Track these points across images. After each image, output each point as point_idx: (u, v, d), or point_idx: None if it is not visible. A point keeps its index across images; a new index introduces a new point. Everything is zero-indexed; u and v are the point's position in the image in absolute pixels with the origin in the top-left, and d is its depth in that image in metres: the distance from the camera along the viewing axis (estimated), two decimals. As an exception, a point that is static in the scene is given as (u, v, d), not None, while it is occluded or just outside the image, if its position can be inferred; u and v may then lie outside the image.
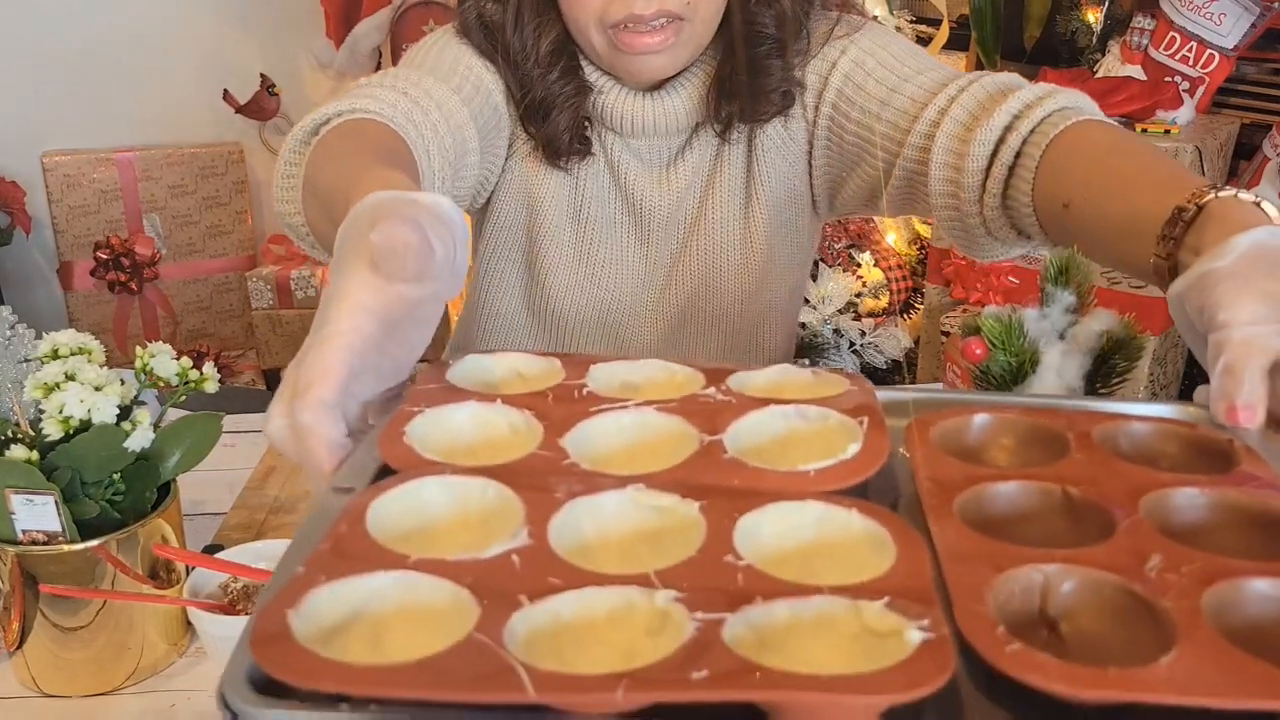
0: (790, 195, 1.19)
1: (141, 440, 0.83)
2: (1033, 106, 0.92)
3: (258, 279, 2.79)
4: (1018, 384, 0.75)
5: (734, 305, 1.23)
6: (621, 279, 1.22)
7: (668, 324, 1.24)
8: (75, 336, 0.86)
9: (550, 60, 1.07)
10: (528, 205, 1.18)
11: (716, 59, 1.12)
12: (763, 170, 1.18)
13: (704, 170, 1.18)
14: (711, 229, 1.19)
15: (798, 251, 1.24)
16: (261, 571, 0.87)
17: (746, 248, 1.20)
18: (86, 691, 0.85)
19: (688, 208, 1.19)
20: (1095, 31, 2.41)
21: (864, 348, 2.52)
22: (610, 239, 1.20)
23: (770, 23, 1.07)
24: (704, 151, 1.17)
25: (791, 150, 1.17)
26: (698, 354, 1.27)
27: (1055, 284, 0.76)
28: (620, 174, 1.17)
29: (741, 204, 1.19)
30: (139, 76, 2.85)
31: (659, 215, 1.19)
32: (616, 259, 1.21)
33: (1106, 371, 0.75)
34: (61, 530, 0.80)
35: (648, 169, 1.17)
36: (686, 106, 1.12)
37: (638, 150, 1.16)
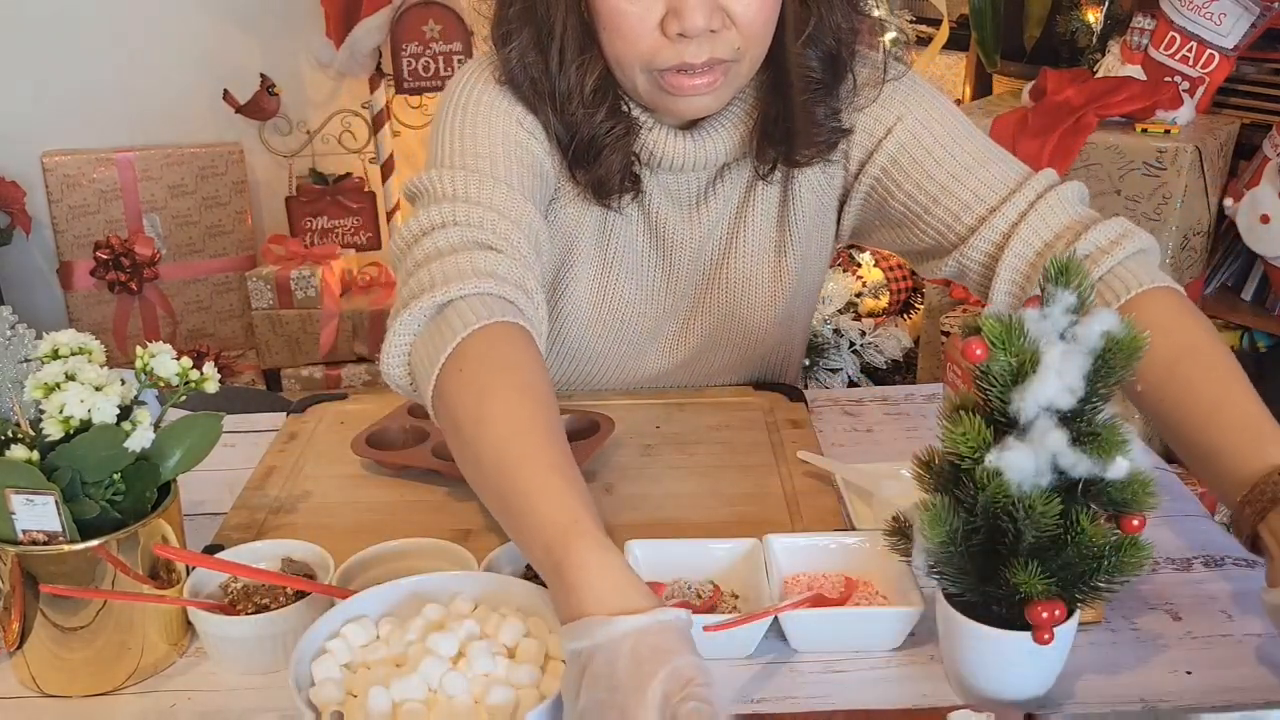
0: (819, 229, 1.21)
1: (142, 440, 0.83)
2: (1111, 247, 0.98)
3: (258, 279, 2.79)
4: (1018, 384, 0.75)
5: (760, 331, 1.24)
6: (644, 312, 1.22)
7: (688, 352, 1.25)
8: (75, 336, 0.86)
9: (596, 100, 1.05)
10: (560, 246, 1.17)
11: (758, 96, 1.10)
12: (796, 208, 1.18)
13: (734, 204, 1.17)
14: (740, 262, 1.19)
15: (820, 275, 1.26)
16: (261, 571, 0.87)
17: (776, 280, 1.21)
18: (87, 691, 0.85)
19: (715, 241, 1.19)
20: (1095, 31, 2.41)
21: (864, 348, 2.52)
22: (636, 274, 1.20)
23: (817, 65, 1.06)
24: (735, 186, 1.17)
25: (826, 192, 1.18)
26: (715, 376, 1.29)
27: (1056, 284, 0.76)
28: (649, 209, 1.16)
29: (773, 239, 1.19)
30: (139, 76, 2.85)
31: (687, 249, 1.18)
32: (641, 293, 1.21)
33: (1107, 372, 0.75)
34: (62, 530, 0.80)
35: (677, 204, 1.16)
36: (727, 145, 1.11)
37: (667, 185, 1.15)
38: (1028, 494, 0.74)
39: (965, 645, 0.80)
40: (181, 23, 2.84)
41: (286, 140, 2.99)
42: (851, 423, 1.24)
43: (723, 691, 0.82)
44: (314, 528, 1.03)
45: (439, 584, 0.84)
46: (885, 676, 0.85)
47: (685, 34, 0.97)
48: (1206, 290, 2.31)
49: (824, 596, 0.89)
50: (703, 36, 0.97)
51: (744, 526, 0.99)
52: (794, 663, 0.86)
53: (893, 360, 2.55)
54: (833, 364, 2.45)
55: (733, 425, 1.21)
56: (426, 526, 1.00)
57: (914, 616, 0.85)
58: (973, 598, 0.79)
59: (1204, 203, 2.15)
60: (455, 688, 0.74)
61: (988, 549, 0.77)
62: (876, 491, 1.04)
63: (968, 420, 0.76)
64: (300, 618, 0.84)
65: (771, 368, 1.32)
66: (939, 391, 1.28)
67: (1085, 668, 0.85)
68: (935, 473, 0.80)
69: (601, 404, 1.22)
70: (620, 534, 0.94)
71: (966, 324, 0.79)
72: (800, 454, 1.12)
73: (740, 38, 1.00)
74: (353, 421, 1.22)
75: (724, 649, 0.86)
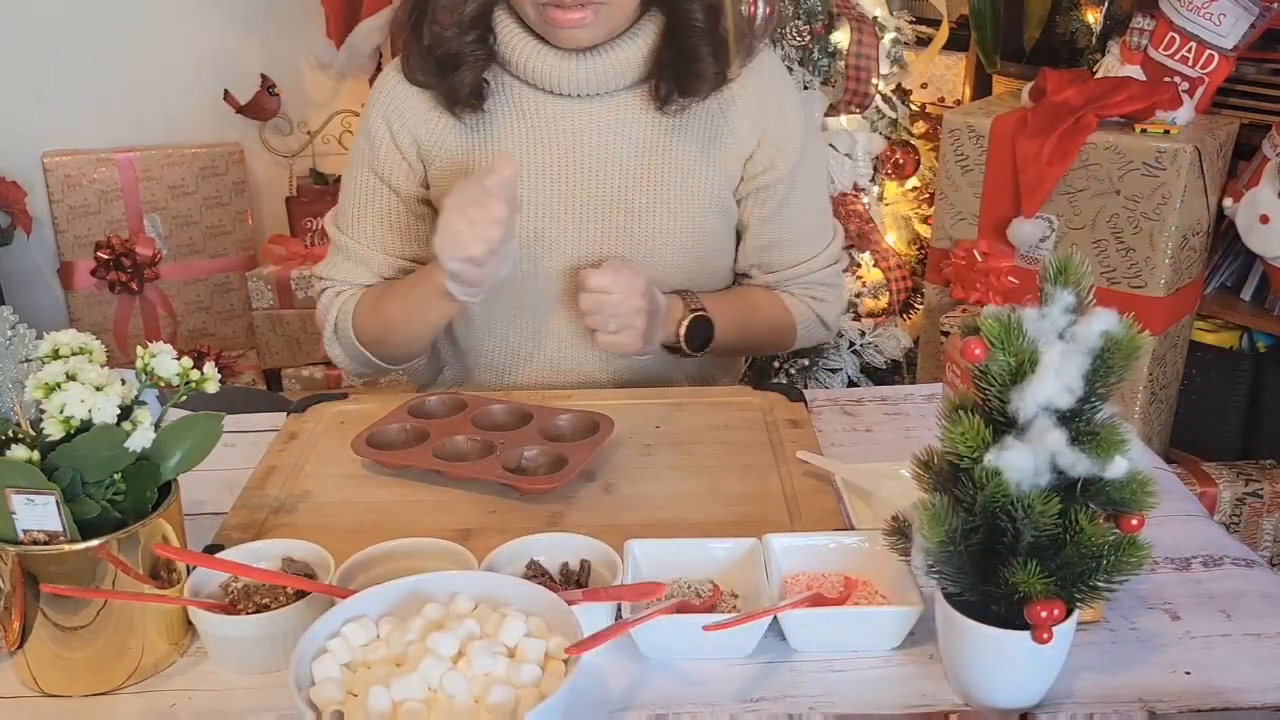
0: (709, 183, 1.33)
1: (142, 440, 0.83)
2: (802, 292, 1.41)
3: (258, 279, 2.79)
4: (1017, 384, 0.75)
5: (654, 256, 1.33)
6: (549, 227, 1.31)
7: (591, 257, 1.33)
8: (76, 336, 0.87)
9: (469, 25, 1.25)
10: (441, 178, 1.32)
11: (654, 37, 1.27)
12: (684, 150, 1.31)
13: (627, 133, 1.30)
14: (630, 185, 1.30)
15: (721, 239, 1.37)
16: (262, 571, 0.87)
17: (664, 207, 1.31)
18: (87, 691, 0.85)
19: (611, 164, 1.30)
20: (1095, 32, 2.41)
21: (864, 348, 2.52)
22: (538, 191, 1.31)
23: (700, 13, 1.24)
24: (630, 116, 1.30)
25: (723, 153, 1.32)
26: None
27: (1055, 284, 0.76)
28: (551, 130, 1.29)
29: (660, 170, 1.31)
30: (139, 76, 2.85)
31: (586, 167, 1.30)
32: (543, 208, 1.31)
33: (1105, 371, 0.75)
34: (62, 530, 0.80)
35: (573, 127, 1.29)
36: (616, 72, 1.26)
37: (561, 108, 1.29)
38: (1027, 493, 0.74)
39: (964, 645, 0.80)
40: (182, 23, 2.83)
41: (287, 140, 2.99)
42: (851, 422, 1.24)
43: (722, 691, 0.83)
44: (314, 528, 1.03)
45: (439, 584, 0.84)
46: (885, 676, 0.85)
47: None
48: (1206, 290, 2.31)
49: (823, 596, 0.89)
50: None
51: (744, 526, 0.99)
52: (793, 662, 0.86)
53: (892, 360, 2.55)
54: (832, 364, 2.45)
55: (732, 425, 1.21)
56: (426, 526, 1.00)
57: (913, 616, 0.86)
58: (972, 597, 0.79)
59: (1203, 203, 2.15)
60: (455, 687, 0.74)
61: (987, 548, 0.77)
62: (876, 491, 1.04)
63: (967, 420, 0.76)
64: (300, 618, 0.84)
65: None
66: (938, 391, 1.28)
67: (1084, 667, 0.85)
68: (934, 472, 0.80)
69: (602, 404, 1.23)
70: (620, 533, 0.94)
71: (966, 324, 0.79)
72: (800, 454, 1.12)
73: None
74: (353, 421, 1.22)
75: (723, 649, 0.86)
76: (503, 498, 1.07)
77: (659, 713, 0.81)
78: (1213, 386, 2.33)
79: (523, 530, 0.96)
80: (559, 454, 1.10)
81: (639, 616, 0.82)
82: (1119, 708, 0.81)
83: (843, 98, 2.41)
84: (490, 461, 1.10)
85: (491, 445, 1.12)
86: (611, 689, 0.84)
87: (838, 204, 2.50)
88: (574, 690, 0.76)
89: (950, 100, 2.92)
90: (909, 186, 2.65)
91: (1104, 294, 2.06)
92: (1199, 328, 2.34)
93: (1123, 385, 0.78)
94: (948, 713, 0.81)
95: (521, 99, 1.29)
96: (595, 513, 1.05)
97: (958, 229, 2.35)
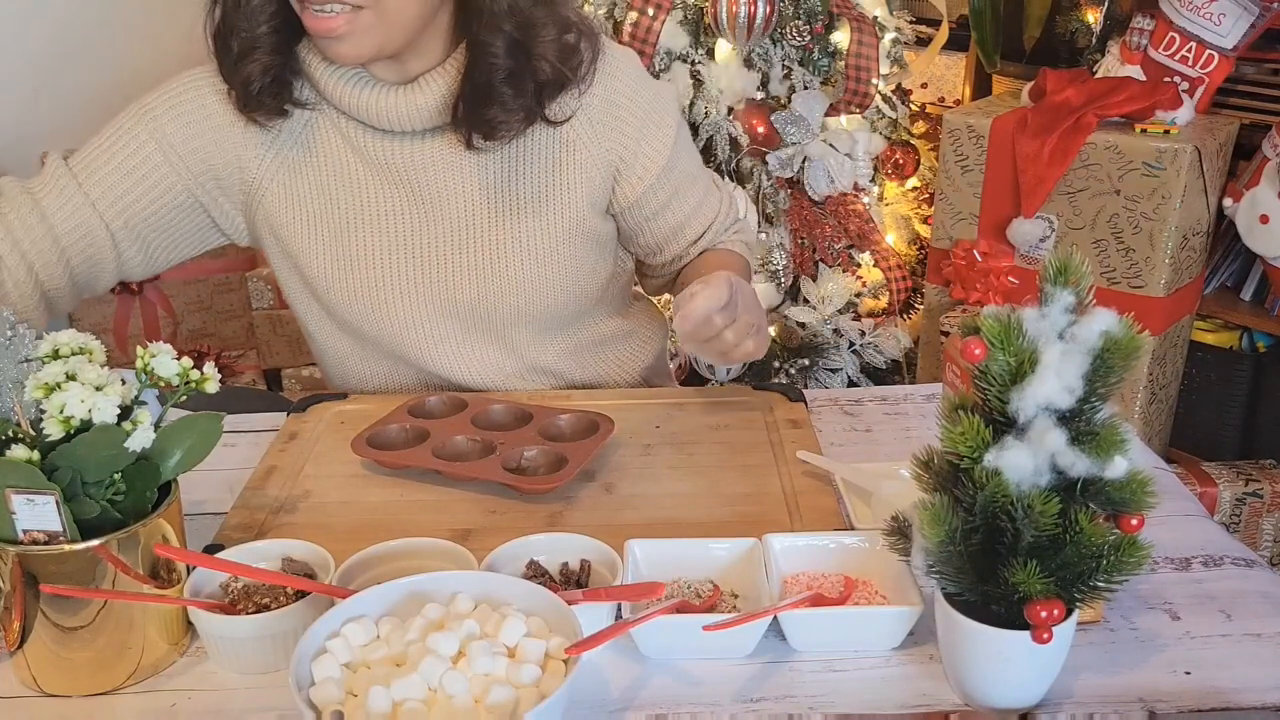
0: (558, 212, 1.25)
1: (142, 440, 0.83)
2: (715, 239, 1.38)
3: (258, 279, 2.79)
4: (1016, 384, 0.75)
5: (507, 299, 1.26)
6: (391, 262, 1.24)
7: (451, 308, 1.27)
8: (76, 336, 0.87)
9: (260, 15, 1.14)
10: (281, 224, 1.24)
11: (456, 72, 1.17)
12: (524, 184, 1.24)
13: (454, 167, 1.22)
14: (465, 222, 1.23)
15: (584, 261, 1.29)
16: (262, 571, 0.88)
17: (507, 244, 1.24)
18: (87, 691, 0.85)
19: (447, 200, 1.23)
20: (1095, 32, 2.41)
21: (864, 348, 2.52)
22: (374, 226, 1.24)
23: (501, 50, 1.13)
24: (451, 151, 1.21)
25: (569, 180, 1.24)
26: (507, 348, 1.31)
27: (1055, 284, 0.76)
28: (384, 168, 1.21)
29: (495, 206, 1.23)
30: (139, 76, 2.84)
31: (426, 205, 1.23)
32: (385, 244, 1.24)
33: (1105, 371, 0.75)
34: (62, 530, 0.80)
35: (401, 166, 1.21)
36: (424, 109, 1.17)
37: (385, 147, 1.21)
38: (1026, 493, 0.74)
39: (964, 645, 0.80)
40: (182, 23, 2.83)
41: (286, 140, 2.99)
42: (851, 422, 1.24)
43: (722, 691, 0.83)
44: (314, 528, 1.03)
45: (439, 584, 0.84)
46: (884, 676, 0.85)
47: None
48: (1206, 290, 2.31)
49: (823, 596, 0.89)
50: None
51: (743, 526, 0.99)
52: (793, 662, 0.86)
53: (892, 360, 2.55)
54: (832, 364, 2.45)
55: (732, 425, 1.21)
56: (426, 526, 1.00)
57: (913, 616, 0.86)
58: (972, 597, 0.79)
59: (1203, 203, 2.15)
60: (455, 687, 0.74)
61: (986, 548, 0.77)
62: (876, 491, 1.04)
63: (967, 420, 0.76)
64: (300, 618, 0.84)
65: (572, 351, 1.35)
66: (938, 391, 1.28)
67: (1084, 667, 0.85)
68: (934, 472, 0.80)
69: (602, 404, 1.23)
70: (620, 533, 0.94)
71: (965, 324, 0.79)
72: (799, 454, 1.12)
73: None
74: (353, 421, 1.22)
75: (723, 649, 0.86)
76: (503, 498, 1.08)
77: (659, 713, 0.81)
78: (1213, 386, 2.33)
79: (523, 530, 0.96)
80: (559, 454, 1.10)
81: (639, 616, 0.82)
82: (1119, 708, 0.81)
83: (843, 98, 2.41)
84: (491, 462, 1.10)
85: (491, 445, 1.12)
86: (611, 689, 0.84)
87: (838, 204, 2.50)
88: (574, 690, 0.76)
89: (950, 100, 2.92)
90: (909, 186, 2.66)
91: (1104, 294, 2.06)
92: (1199, 328, 2.34)
93: (1122, 385, 0.78)
94: (948, 713, 0.81)
95: (347, 131, 1.21)
96: (595, 513, 1.05)
97: (958, 229, 2.35)
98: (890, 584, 0.90)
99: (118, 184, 1.20)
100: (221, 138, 1.22)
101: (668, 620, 0.83)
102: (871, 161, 2.53)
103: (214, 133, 1.22)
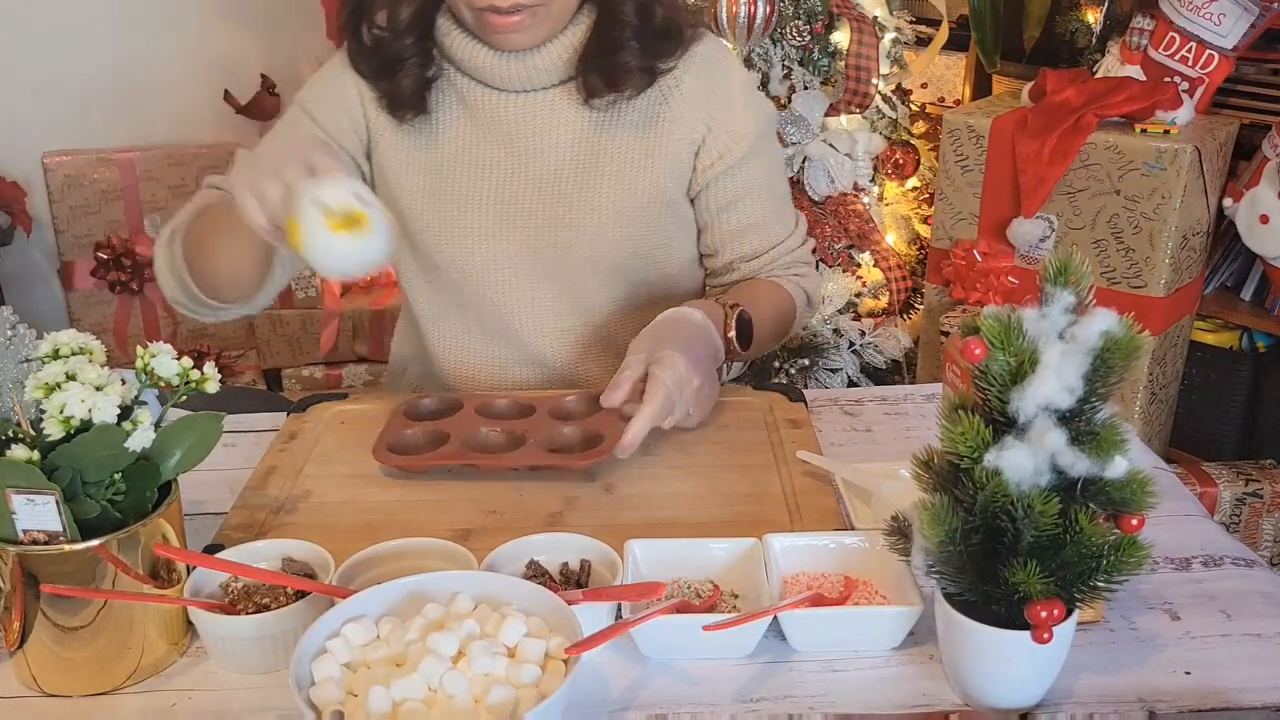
0: (653, 179, 1.32)
1: (142, 440, 0.83)
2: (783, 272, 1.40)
3: (258, 279, 2.78)
4: (1016, 384, 0.75)
5: (594, 257, 1.33)
6: (487, 228, 1.31)
7: (537, 257, 1.33)
8: (76, 336, 0.87)
9: (409, 27, 1.26)
10: (389, 167, 1.33)
11: (585, 32, 1.27)
12: (619, 144, 1.31)
13: (561, 128, 1.30)
14: (568, 181, 1.31)
15: (671, 233, 1.36)
16: (262, 571, 0.88)
17: (604, 204, 1.31)
18: (87, 691, 0.85)
19: (547, 160, 1.30)
20: (1095, 32, 2.41)
21: (864, 348, 2.52)
22: (469, 191, 1.31)
23: (630, 10, 1.26)
24: (563, 111, 1.30)
25: (667, 149, 1.31)
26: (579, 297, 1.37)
27: (1055, 284, 0.76)
28: (486, 127, 1.30)
29: (596, 164, 1.30)
30: (139, 76, 2.85)
31: (524, 163, 1.30)
32: (482, 202, 1.31)
33: (1105, 371, 0.75)
34: (62, 530, 0.80)
35: (509, 124, 1.30)
36: (547, 69, 1.27)
37: (497, 105, 1.29)
38: (1026, 493, 0.74)
39: (964, 645, 0.80)
40: (182, 23, 2.84)
41: (287, 140, 2.99)
42: (851, 422, 1.24)
43: (722, 691, 0.83)
44: (314, 528, 1.03)
45: (439, 584, 0.84)
46: (884, 676, 0.85)
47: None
48: (1206, 290, 2.31)
49: (823, 596, 0.89)
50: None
51: (743, 526, 0.99)
52: (793, 662, 0.86)
53: (892, 360, 2.55)
54: (832, 364, 2.45)
55: (732, 425, 1.21)
56: (426, 526, 1.00)
57: (913, 616, 0.86)
58: (972, 597, 0.79)
59: (1203, 203, 2.15)
60: (455, 687, 0.74)
61: (986, 548, 0.77)
62: (876, 491, 1.04)
63: (967, 420, 0.76)
64: (300, 618, 0.84)
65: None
66: (938, 391, 1.28)
67: (1084, 667, 0.85)
68: (934, 472, 0.80)
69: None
70: (620, 534, 0.94)
71: (966, 324, 0.79)
72: (800, 454, 1.12)
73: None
74: (353, 421, 1.22)
75: (723, 649, 0.86)
76: (503, 498, 1.07)
77: (659, 713, 0.82)
78: (1213, 386, 2.33)
79: (523, 530, 0.96)
80: (594, 431, 1.12)
81: (639, 616, 0.82)
82: (1119, 708, 0.81)
83: (843, 98, 2.41)
84: (532, 447, 1.10)
85: (517, 433, 1.13)
86: (611, 689, 0.84)
87: (838, 204, 2.50)
88: (574, 690, 0.76)
89: (950, 100, 2.92)
90: (909, 186, 2.66)
91: (1104, 294, 2.06)
92: (1199, 328, 2.34)
93: (1122, 385, 0.78)
94: (948, 713, 0.81)
95: (462, 87, 1.30)
96: (595, 513, 1.05)
97: (958, 229, 2.35)
98: (890, 584, 0.90)
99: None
100: (351, 99, 1.32)
101: (668, 620, 0.83)
102: (871, 161, 2.53)
103: (348, 95, 1.32)
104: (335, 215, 0.91)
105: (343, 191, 0.92)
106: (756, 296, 1.34)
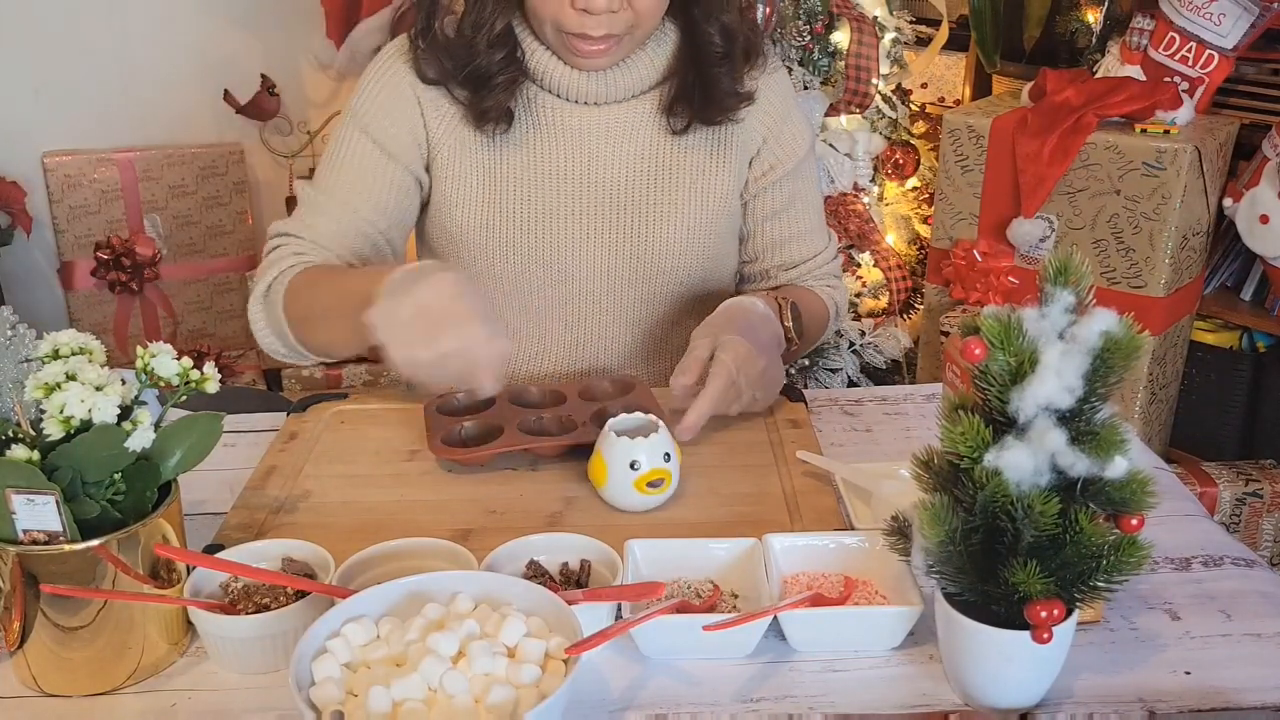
0: (717, 194, 1.34)
1: (142, 440, 0.83)
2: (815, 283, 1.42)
3: (258, 279, 2.79)
4: (1016, 384, 0.75)
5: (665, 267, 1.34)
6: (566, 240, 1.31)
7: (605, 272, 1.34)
8: (76, 336, 0.86)
9: (500, 41, 1.24)
10: (446, 176, 1.31)
11: (672, 63, 1.29)
12: (690, 164, 1.33)
13: (635, 147, 1.31)
14: (641, 197, 1.32)
15: (725, 241, 1.39)
16: (262, 571, 0.87)
17: (677, 219, 1.32)
18: (87, 691, 0.85)
19: (617, 176, 1.31)
20: (1095, 32, 2.41)
21: (864, 348, 2.52)
22: (536, 200, 1.31)
23: (718, 38, 1.26)
24: (638, 131, 1.31)
25: (730, 159, 1.34)
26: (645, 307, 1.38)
27: (1055, 284, 0.76)
28: (560, 133, 1.30)
29: (670, 184, 1.32)
30: (139, 76, 2.85)
31: (591, 180, 1.30)
32: (554, 213, 1.31)
33: (1105, 371, 0.75)
34: (62, 530, 0.80)
35: (580, 137, 1.30)
36: (628, 82, 1.28)
37: (570, 117, 1.29)
38: (1026, 493, 0.74)
39: (964, 645, 0.80)
40: (182, 23, 2.83)
41: (287, 141, 2.99)
42: (850, 422, 1.25)
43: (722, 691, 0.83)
44: (314, 528, 1.03)
45: (439, 584, 0.84)
46: (884, 676, 0.85)
47: (589, 10, 1.17)
48: (1206, 290, 2.31)
49: (823, 596, 0.89)
50: (603, 14, 1.17)
51: (744, 526, 0.99)
52: (793, 662, 0.86)
53: (892, 360, 2.55)
54: (832, 364, 2.45)
55: (733, 425, 1.21)
56: (426, 526, 1.00)
57: (913, 616, 0.86)
58: (972, 597, 0.79)
59: (1203, 203, 2.15)
60: (455, 687, 0.74)
61: (986, 548, 0.77)
62: (875, 491, 1.04)
63: (967, 420, 0.76)
64: (300, 618, 0.84)
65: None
66: (938, 391, 1.28)
67: (1084, 667, 0.85)
68: (934, 472, 0.80)
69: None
70: (620, 534, 0.94)
71: (966, 324, 0.79)
72: (799, 454, 1.12)
73: (635, 16, 1.19)
74: (353, 421, 1.22)
75: (723, 649, 0.86)
76: (503, 498, 1.08)
77: (659, 713, 0.82)
78: (1213, 386, 2.33)
79: (523, 530, 0.96)
80: (639, 405, 1.13)
81: (639, 616, 0.82)
82: (1119, 708, 0.81)
83: (843, 98, 2.41)
84: (587, 429, 1.11)
85: (567, 417, 1.15)
86: (611, 689, 0.84)
87: (838, 204, 2.50)
88: (574, 690, 0.76)
89: (950, 100, 2.92)
90: (909, 186, 2.66)
91: (1104, 294, 2.06)
92: (1199, 328, 2.34)
93: (1122, 385, 0.78)
94: (948, 713, 0.81)
95: (534, 98, 1.29)
96: (595, 513, 1.05)
97: (958, 229, 2.35)
98: (890, 584, 0.90)
99: (363, 196, 1.28)
100: (410, 109, 1.29)
101: (668, 620, 0.83)
102: (871, 161, 2.54)
103: (406, 105, 1.29)
104: (643, 472, 1.01)
105: (657, 456, 1.02)
106: (800, 297, 1.36)
